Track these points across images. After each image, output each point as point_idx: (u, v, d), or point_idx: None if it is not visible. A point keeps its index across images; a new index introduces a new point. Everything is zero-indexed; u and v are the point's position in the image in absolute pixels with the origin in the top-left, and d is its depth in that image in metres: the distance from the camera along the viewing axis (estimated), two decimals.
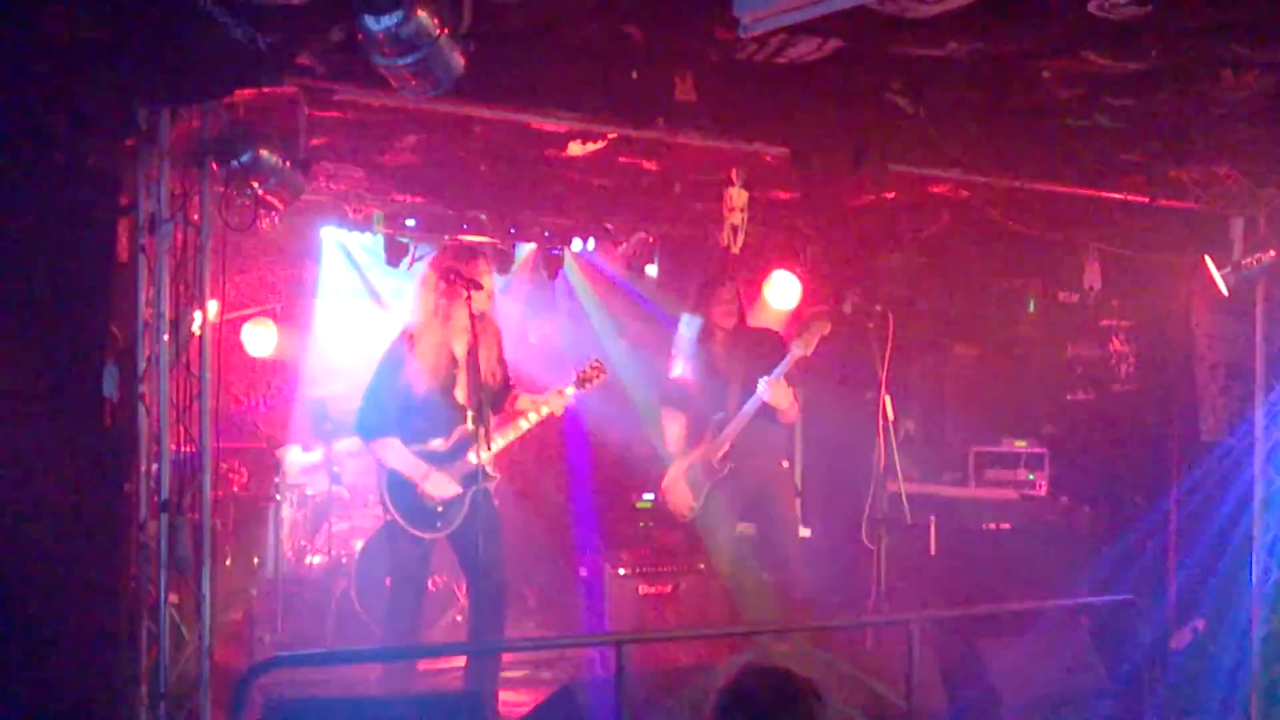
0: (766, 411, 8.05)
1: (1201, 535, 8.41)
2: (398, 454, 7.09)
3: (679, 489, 8.27)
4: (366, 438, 7.23)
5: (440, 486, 7.06)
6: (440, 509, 7.08)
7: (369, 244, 10.21)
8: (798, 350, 7.91)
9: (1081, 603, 7.89)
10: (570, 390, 7.54)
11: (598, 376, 7.61)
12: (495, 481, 7.26)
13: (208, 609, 5.92)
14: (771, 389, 7.90)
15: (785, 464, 8.51)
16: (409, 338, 7.18)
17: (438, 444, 7.15)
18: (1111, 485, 9.14)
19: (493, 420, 7.26)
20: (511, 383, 7.55)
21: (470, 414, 7.10)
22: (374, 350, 8.30)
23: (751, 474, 8.21)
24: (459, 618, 9.15)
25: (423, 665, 8.03)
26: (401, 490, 7.09)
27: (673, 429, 8.43)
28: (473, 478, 7.05)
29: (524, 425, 7.43)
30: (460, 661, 7.83)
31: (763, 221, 9.01)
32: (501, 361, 7.44)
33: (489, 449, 7.12)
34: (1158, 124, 6.93)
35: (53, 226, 5.62)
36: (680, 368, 8.37)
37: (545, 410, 7.46)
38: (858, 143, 6.76)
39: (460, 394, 7.18)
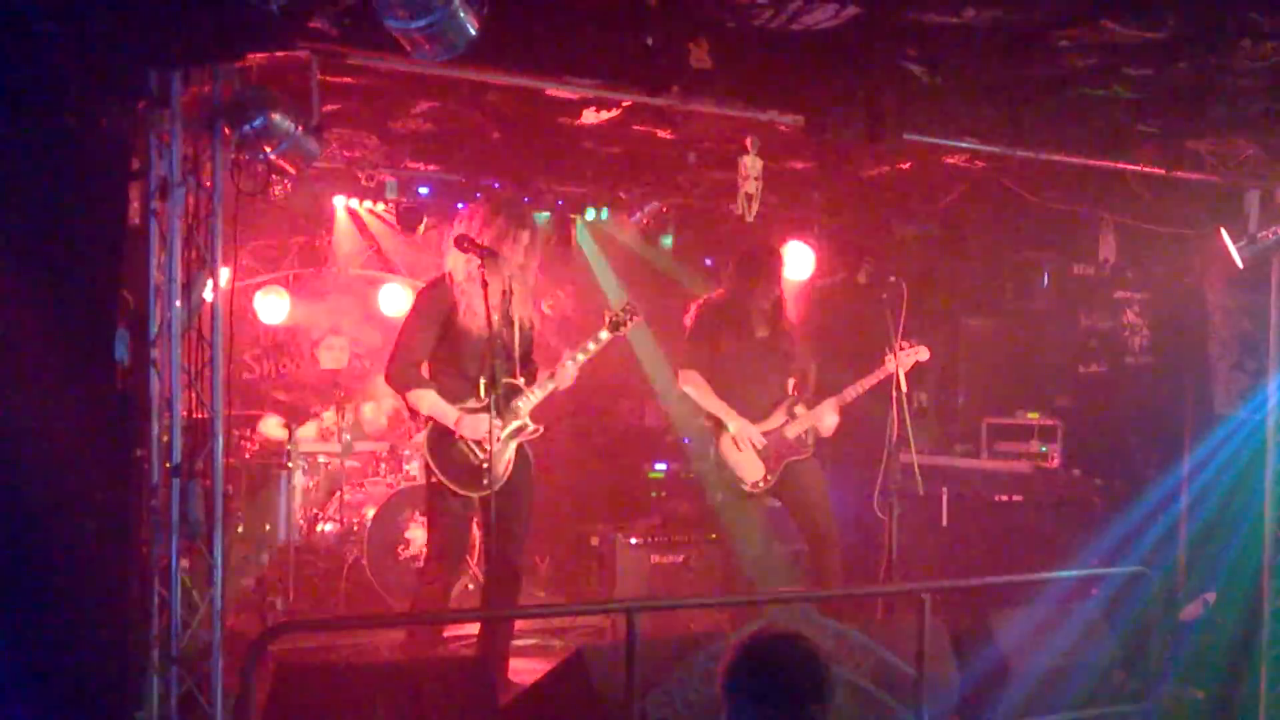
0: None
1: (1213, 508, 8.41)
2: (431, 402, 6.98)
3: (749, 459, 8.09)
4: (402, 389, 7.11)
5: (474, 427, 6.90)
6: (485, 464, 6.89)
7: (382, 211, 10.22)
8: (891, 366, 7.87)
9: (1092, 574, 7.89)
10: (605, 335, 7.26)
11: (631, 319, 7.31)
12: (538, 433, 7.15)
13: (219, 574, 5.93)
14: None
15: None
16: (448, 290, 7.03)
17: (471, 404, 7.00)
18: (1124, 457, 9.13)
19: (517, 380, 7.08)
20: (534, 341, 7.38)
21: (507, 366, 6.99)
22: (384, 316, 8.22)
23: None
24: (470, 586, 9.16)
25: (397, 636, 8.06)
26: (444, 450, 6.98)
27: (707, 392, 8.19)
28: (513, 431, 6.99)
29: (561, 375, 7.15)
30: (473, 629, 7.84)
31: (777, 191, 8.99)
32: (531, 322, 7.28)
33: (531, 401, 7.08)
34: (1175, 95, 6.89)
35: (64, 190, 5.60)
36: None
37: (581, 358, 7.19)
38: (873, 112, 6.71)
39: (501, 346, 6.99)
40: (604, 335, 7.27)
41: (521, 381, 7.09)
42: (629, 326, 7.35)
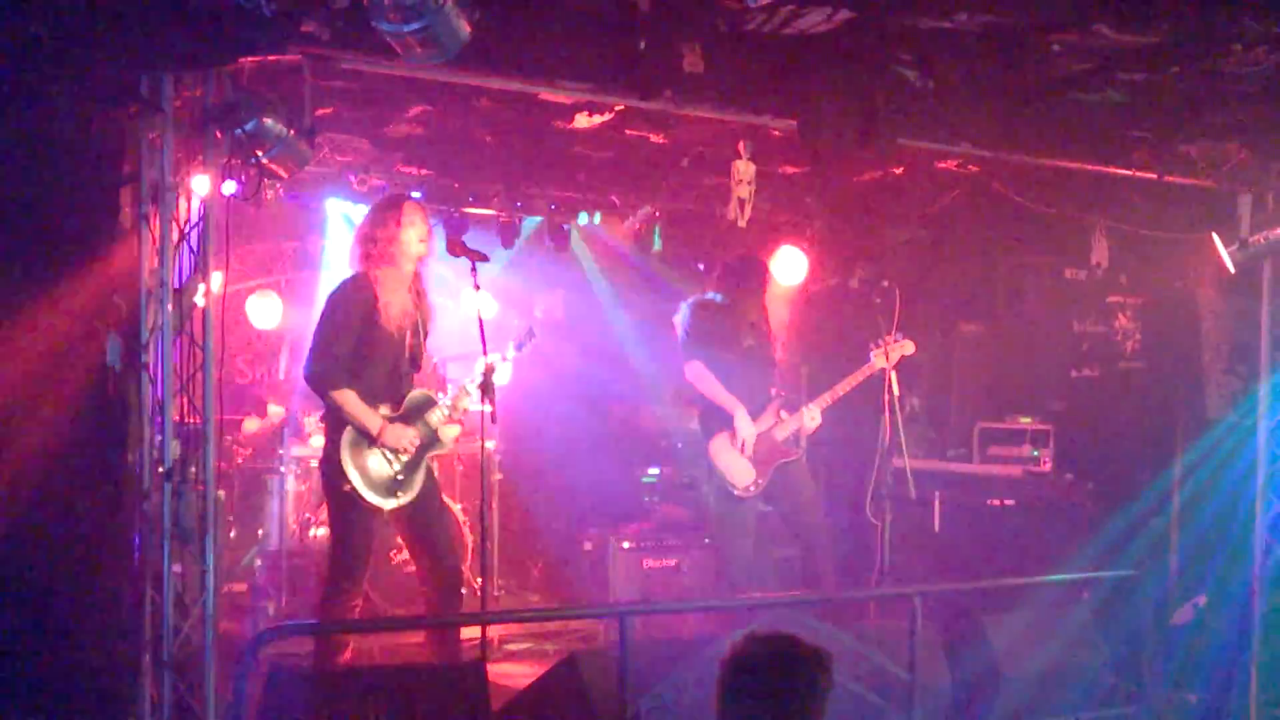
0: None
1: (1204, 512, 8.41)
2: (354, 404, 6.68)
3: (739, 462, 8.11)
4: (326, 388, 6.73)
5: (397, 437, 6.73)
6: (400, 476, 6.77)
7: None
8: (878, 364, 7.93)
9: (1084, 578, 7.90)
10: (511, 353, 7.52)
11: (529, 340, 7.55)
12: (445, 451, 7.07)
13: (211, 578, 5.92)
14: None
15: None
16: (369, 288, 6.79)
17: (385, 411, 6.81)
18: (1116, 461, 9.12)
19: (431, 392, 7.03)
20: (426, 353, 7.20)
21: (408, 378, 6.95)
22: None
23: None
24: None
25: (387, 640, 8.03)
26: (361, 457, 6.72)
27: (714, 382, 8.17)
28: (427, 443, 6.88)
29: (465, 400, 7.06)
30: (418, 637, 7.73)
31: (770, 196, 9.00)
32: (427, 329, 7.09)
33: (444, 414, 6.94)
34: (1167, 99, 6.90)
35: (55, 194, 5.61)
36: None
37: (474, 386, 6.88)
38: (866, 116, 6.70)
39: (409, 354, 6.91)
40: (511, 353, 7.45)
41: (440, 396, 7.00)
42: (528, 348, 7.54)
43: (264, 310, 10.71)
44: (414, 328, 6.91)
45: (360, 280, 6.84)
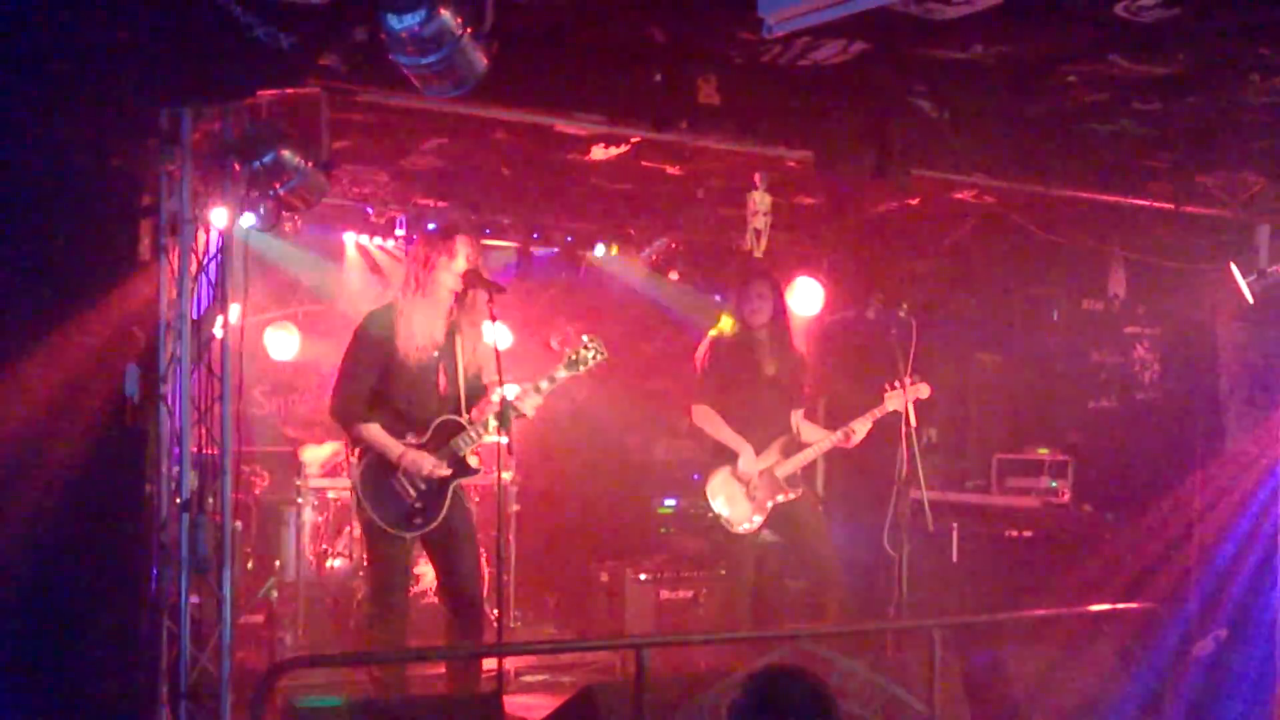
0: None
1: (1225, 543, 8.36)
2: (374, 435, 6.70)
3: (736, 501, 8.09)
4: (345, 423, 6.82)
5: (419, 463, 6.65)
6: (419, 504, 6.70)
7: (391, 248, 10.22)
8: (891, 405, 7.88)
9: (1105, 610, 7.85)
10: (561, 373, 6.91)
11: (594, 358, 6.95)
12: (479, 474, 6.89)
13: (228, 609, 5.92)
14: (857, 435, 8.02)
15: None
16: (394, 315, 6.81)
17: (412, 440, 6.76)
18: (1135, 493, 9.08)
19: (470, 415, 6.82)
20: (485, 381, 6.99)
21: (449, 405, 6.84)
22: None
23: None
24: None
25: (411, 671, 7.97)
26: (377, 486, 6.71)
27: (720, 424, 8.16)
28: (454, 467, 6.74)
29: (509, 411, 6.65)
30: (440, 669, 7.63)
31: (786, 227, 9.00)
32: (484, 354, 6.97)
33: (472, 440, 6.75)
34: (1184, 129, 6.90)
35: (75, 226, 5.64)
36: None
37: (536, 398, 6.84)
38: (882, 147, 6.70)
39: (442, 382, 6.84)
40: (561, 373, 6.95)
41: (466, 420, 6.83)
42: (590, 365, 7.00)
43: (281, 342, 10.73)
44: (449, 355, 6.86)
45: (381, 313, 6.89)
